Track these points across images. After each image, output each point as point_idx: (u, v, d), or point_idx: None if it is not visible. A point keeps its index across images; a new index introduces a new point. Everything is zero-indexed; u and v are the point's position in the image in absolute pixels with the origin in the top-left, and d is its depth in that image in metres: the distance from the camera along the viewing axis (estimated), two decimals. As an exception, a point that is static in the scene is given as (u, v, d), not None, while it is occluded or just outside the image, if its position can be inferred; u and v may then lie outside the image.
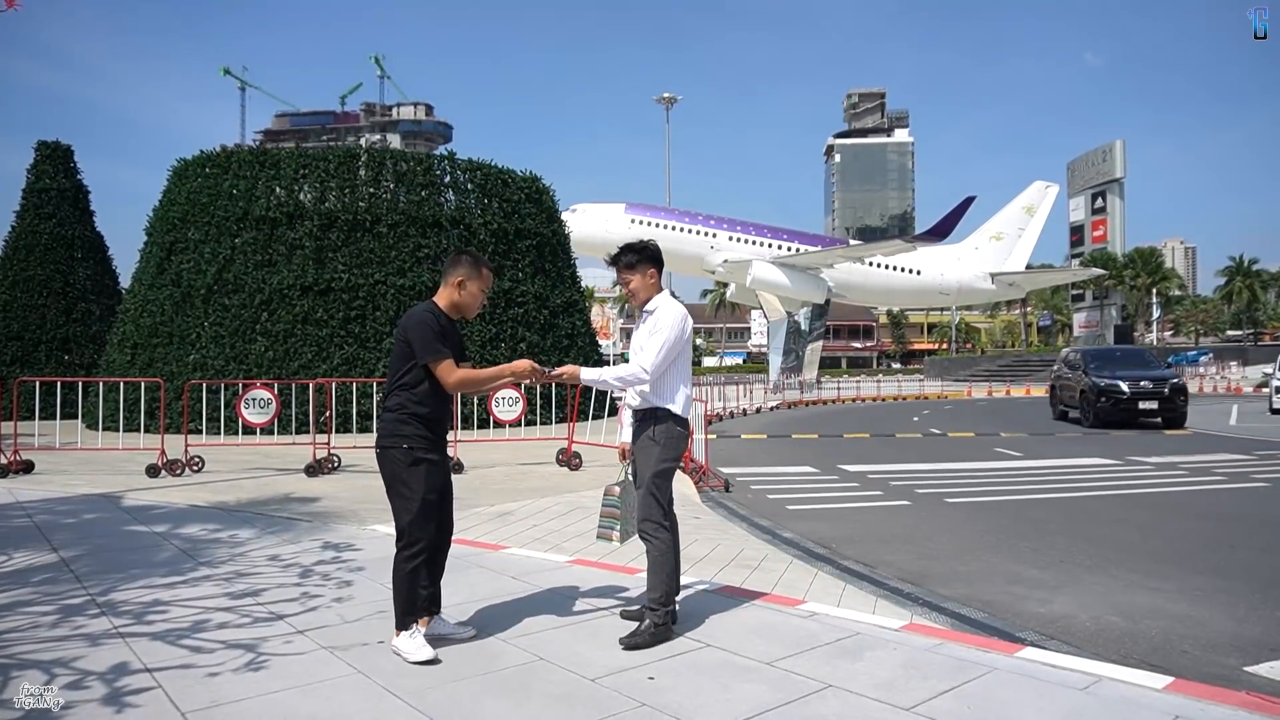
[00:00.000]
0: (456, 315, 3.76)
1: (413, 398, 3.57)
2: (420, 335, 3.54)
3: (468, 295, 3.73)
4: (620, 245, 4.13)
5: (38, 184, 21.75)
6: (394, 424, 3.58)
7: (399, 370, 3.60)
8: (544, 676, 3.42)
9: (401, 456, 3.55)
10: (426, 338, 3.53)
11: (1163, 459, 12.30)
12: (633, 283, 4.01)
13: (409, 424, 3.56)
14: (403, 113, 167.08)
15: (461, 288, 3.71)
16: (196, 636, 3.88)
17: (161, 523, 6.83)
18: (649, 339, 3.92)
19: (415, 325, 3.56)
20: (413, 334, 3.55)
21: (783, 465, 12.11)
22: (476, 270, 3.73)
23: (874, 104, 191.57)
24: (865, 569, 5.69)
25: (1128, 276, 66.61)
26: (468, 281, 3.71)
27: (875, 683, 3.33)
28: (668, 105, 41.74)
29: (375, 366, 16.11)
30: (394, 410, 3.59)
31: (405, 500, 3.56)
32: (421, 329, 3.55)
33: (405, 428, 3.56)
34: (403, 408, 3.57)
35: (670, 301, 4.02)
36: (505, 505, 7.80)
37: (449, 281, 3.71)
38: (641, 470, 3.94)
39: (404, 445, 3.54)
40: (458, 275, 3.70)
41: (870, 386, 40.30)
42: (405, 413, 3.56)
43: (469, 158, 19.16)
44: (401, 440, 3.55)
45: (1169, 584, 5.39)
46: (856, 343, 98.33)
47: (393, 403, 3.60)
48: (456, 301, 3.73)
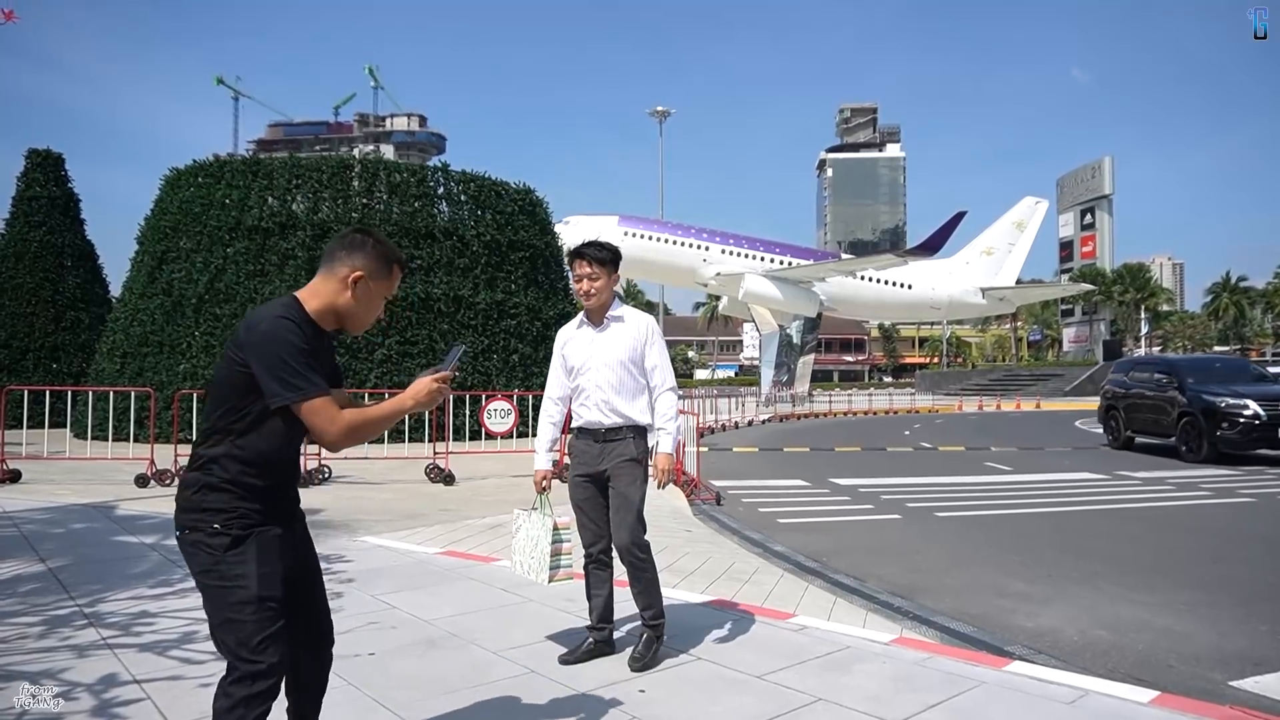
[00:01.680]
0: (333, 326, 2.32)
1: (239, 455, 2.14)
2: (274, 359, 2.08)
3: (364, 300, 2.30)
4: (586, 241, 3.89)
5: (28, 192, 21.67)
6: (200, 493, 2.14)
7: (224, 408, 2.15)
8: (535, 689, 3.43)
9: (212, 542, 2.12)
10: (287, 362, 2.08)
11: (1150, 474, 12.37)
12: (600, 281, 3.74)
13: (223, 491, 2.13)
14: (396, 123, 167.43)
15: (357, 286, 2.27)
16: (185, 648, 3.86)
17: (150, 533, 6.80)
18: (656, 355, 3.78)
19: (264, 342, 2.09)
20: (259, 355, 2.09)
21: (774, 478, 12.13)
22: (386, 266, 2.33)
23: (866, 119, 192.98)
24: (856, 582, 5.72)
25: (1116, 292, 67.04)
26: (369, 280, 2.29)
27: (865, 696, 3.35)
28: (661, 119, 41.93)
29: (367, 377, 16.09)
30: (203, 469, 2.15)
31: (227, 606, 2.11)
32: (275, 347, 2.08)
33: (214, 497, 2.13)
34: (216, 468, 2.14)
35: (639, 311, 3.89)
36: (497, 517, 7.80)
37: (335, 274, 2.27)
38: (629, 492, 3.70)
39: (213, 525, 2.12)
40: (354, 267, 2.27)
41: (862, 400, 40.41)
42: (221, 476, 2.13)
43: (463, 169, 19.23)
44: (210, 518, 2.12)
45: (1155, 597, 5.43)
46: (848, 356, 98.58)
47: (203, 456, 2.16)
48: (342, 306, 2.28)
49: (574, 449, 3.89)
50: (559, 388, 3.94)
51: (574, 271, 3.80)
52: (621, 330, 3.80)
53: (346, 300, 2.28)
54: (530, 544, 3.82)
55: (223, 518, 2.13)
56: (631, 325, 3.80)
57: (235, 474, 2.14)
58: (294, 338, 2.11)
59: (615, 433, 3.75)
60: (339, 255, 2.30)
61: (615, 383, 3.75)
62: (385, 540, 6.63)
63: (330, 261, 2.30)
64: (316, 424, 2.12)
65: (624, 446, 3.75)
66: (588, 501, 3.83)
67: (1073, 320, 69.85)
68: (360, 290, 2.28)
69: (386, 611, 4.55)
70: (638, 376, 3.80)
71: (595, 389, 3.77)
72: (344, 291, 2.27)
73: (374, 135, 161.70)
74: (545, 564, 3.72)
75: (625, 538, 3.70)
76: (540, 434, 3.97)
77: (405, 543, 6.55)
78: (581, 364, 3.81)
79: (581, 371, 3.82)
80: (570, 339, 3.93)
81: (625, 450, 3.74)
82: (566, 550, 3.77)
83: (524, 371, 18.32)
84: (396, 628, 4.25)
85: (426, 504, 8.69)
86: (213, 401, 2.19)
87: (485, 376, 17.54)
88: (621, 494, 3.72)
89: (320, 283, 2.29)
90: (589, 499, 3.82)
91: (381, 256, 2.32)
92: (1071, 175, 70.20)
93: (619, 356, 3.76)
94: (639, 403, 3.78)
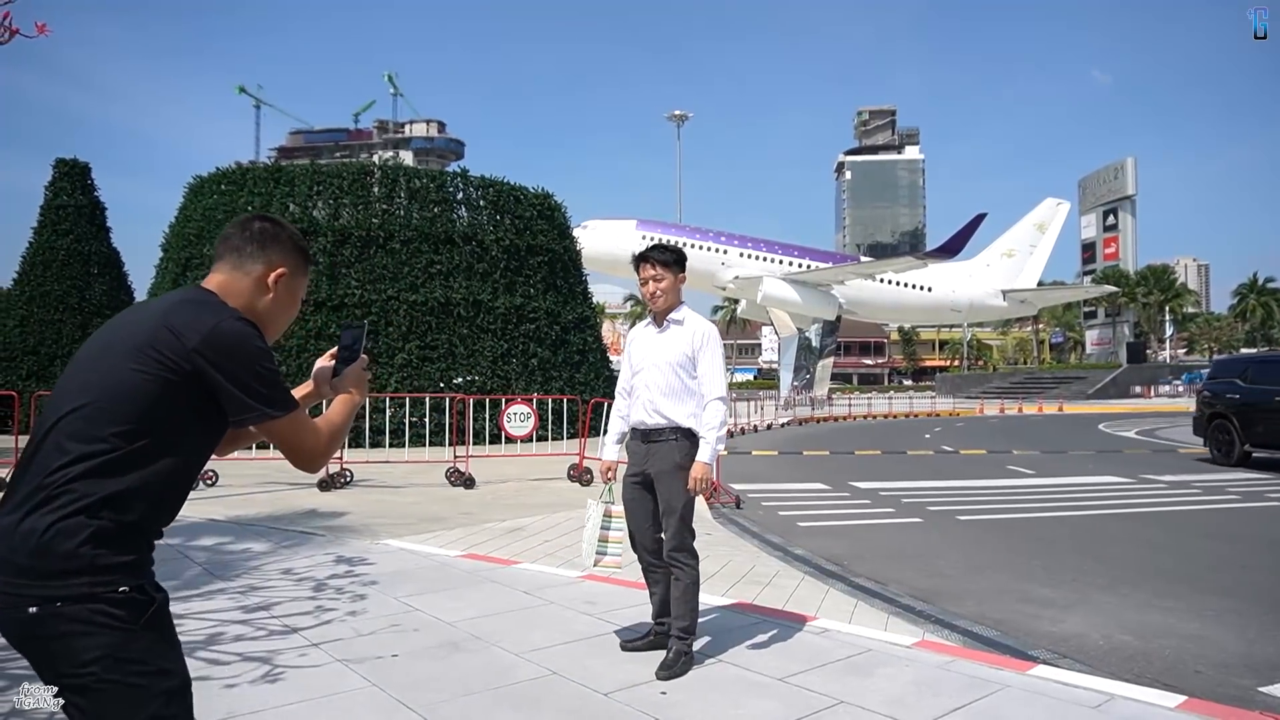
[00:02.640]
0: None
1: (144, 488, 1.59)
2: (251, 368, 1.66)
3: (287, 301, 1.89)
4: (651, 245, 4.02)
5: (56, 200, 22.03)
6: (89, 544, 1.52)
7: (123, 427, 1.58)
8: (556, 690, 3.44)
9: (120, 613, 1.54)
10: (268, 371, 1.68)
11: (1176, 478, 12.22)
12: (665, 282, 3.83)
13: (126, 540, 1.57)
14: (415, 130, 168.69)
15: (278, 285, 1.85)
16: (212, 649, 3.91)
17: (176, 535, 6.89)
18: (708, 363, 3.80)
19: (237, 349, 1.65)
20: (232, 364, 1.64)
21: (794, 482, 12.09)
22: (303, 260, 1.93)
23: (884, 121, 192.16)
24: (877, 586, 5.69)
25: (1140, 294, 66.37)
26: (291, 278, 1.88)
27: (887, 699, 3.34)
28: (679, 122, 41.99)
29: (387, 382, 16.21)
30: (88, 510, 1.53)
31: (152, 702, 1.58)
32: (252, 354, 1.66)
33: (114, 548, 1.54)
34: (110, 510, 1.55)
35: (701, 317, 3.92)
36: (517, 520, 7.83)
37: (248, 271, 1.82)
38: (671, 498, 3.75)
39: (119, 589, 1.54)
40: (271, 262, 1.84)
41: (881, 403, 40.19)
42: (120, 519, 1.56)
43: (481, 174, 19.35)
44: (114, 580, 1.54)
45: (1181, 604, 5.37)
46: (867, 359, 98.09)
47: (84, 493, 1.54)
48: (262, 310, 1.84)
49: (628, 448, 4.00)
50: (627, 385, 4.06)
51: (640, 274, 3.91)
52: (678, 333, 3.87)
53: (267, 303, 1.85)
54: (590, 528, 4.03)
55: (131, 578, 1.55)
56: (688, 329, 3.87)
57: (141, 514, 1.58)
58: (263, 343, 1.71)
59: (659, 434, 3.81)
60: (248, 250, 1.84)
61: (663, 384, 3.81)
62: (407, 543, 6.68)
63: (237, 256, 1.83)
64: (300, 439, 1.74)
65: (667, 449, 3.80)
66: (634, 502, 3.91)
67: (1095, 323, 69.23)
68: (283, 290, 1.87)
69: (409, 613, 4.58)
70: (687, 380, 3.83)
71: (645, 388, 3.86)
72: (264, 293, 1.84)
73: (393, 142, 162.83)
74: (593, 548, 3.95)
75: (669, 542, 3.79)
76: (610, 427, 4.15)
77: (427, 546, 6.59)
78: (640, 364, 3.93)
79: (638, 371, 3.93)
80: (635, 338, 4.06)
81: (669, 454, 3.78)
82: (615, 539, 3.94)
83: (543, 376, 18.39)
84: (419, 629, 4.28)
85: (447, 507, 8.74)
86: (98, 416, 1.57)
87: (504, 380, 17.61)
88: (665, 499, 3.79)
89: (230, 280, 1.81)
90: (636, 499, 3.91)
91: (299, 249, 1.92)
92: (1094, 176, 69.63)
93: (669, 359, 3.82)
94: (685, 406, 3.81)
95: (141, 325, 1.66)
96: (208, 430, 1.71)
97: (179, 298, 1.72)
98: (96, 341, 1.71)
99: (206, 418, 1.69)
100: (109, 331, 1.72)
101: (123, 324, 1.71)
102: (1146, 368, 57.82)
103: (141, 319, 1.68)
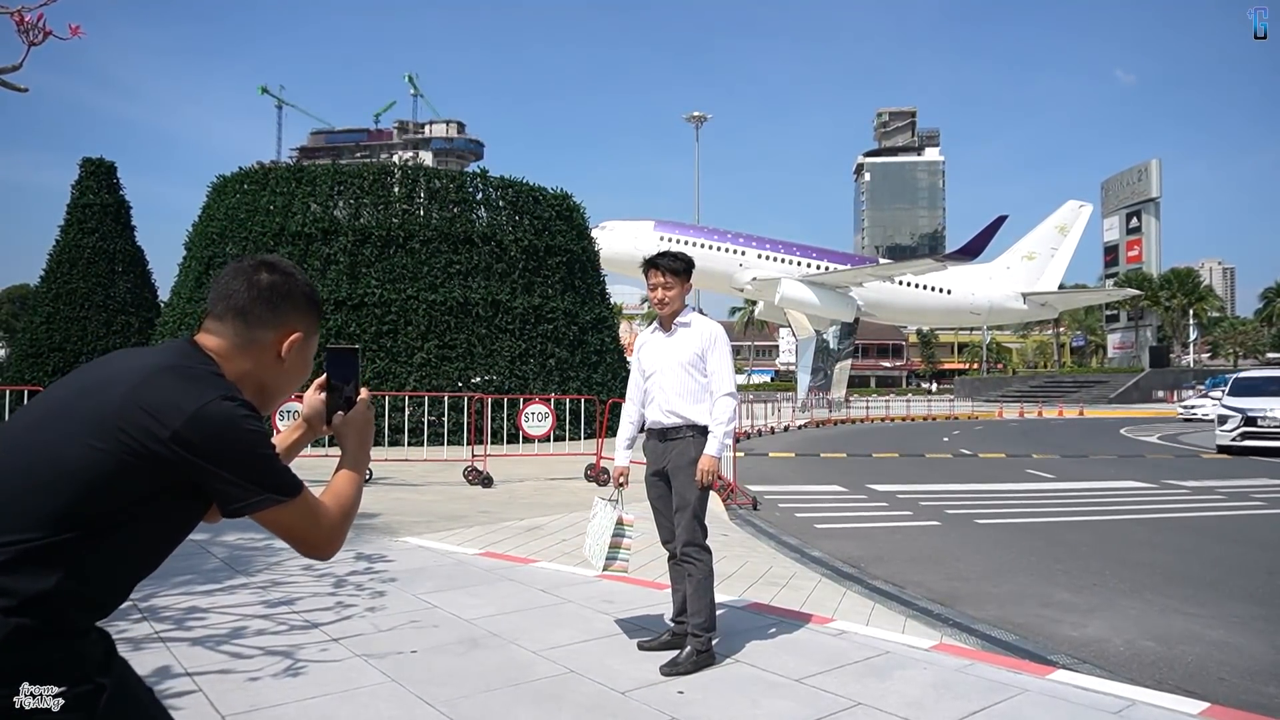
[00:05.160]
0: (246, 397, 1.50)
1: (83, 586, 1.28)
2: (250, 457, 1.38)
3: (299, 366, 1.61)
4: (660, 251, 4.08)
5: (81, 199, 22.37)
6: (17, 650, 1.19)
7: (62, 516, 1.26)
8: (574, 688, 3.46)
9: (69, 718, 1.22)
10: (270, 459, 1.41)
11: (1199, 483, 12.08)
12: (674, 290, 3.93)
13: (59, 640, 1.25)
14: (435, 130, 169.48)
15: (290, 352, 1.57)
16: (235, 643, 3.96)
17: (199, 531, 6.95)
18: (717, 361, 3.90)
19: (232, 437, 1.35)
20: (229, 453, 1.36)
21: (811, 484, 12.06)
22: (317, 314, 1.65)
23: (904, 122, 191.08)
24: (894, 588, 5.67)
25: (1164, 297, 65.57)
26: (305, 341, 1.60)
27: (905, 701, 3.33)
28: (697, 124, 41.89)
29: (406, 380, 16.32)
30: (20, 609, 1.20)
31: None
32: (251, 442, 1.38)
33: (48, 649, 1.23)
34: (44, 609, 1.22)
35: (707, 318, 4.04)
36: (535, 519, 7.86)
37: (257, 338, 1.54)
38: (684, 492, 3.84)
39: (55, 697, 1.21)
40: (286, 326, 1.57)
41: (899, 406, 39.99)
42: (54, 621, 1.24)
43: (500, 175, 19.44)
44: (50, 684, 1.22)
45: (1205, 610, 5.31)
46: (885, 362, 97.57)
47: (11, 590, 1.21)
48: (271, 380, 1.58)
49: (645, 448, 4.10)
50: (636, 390, 4.15)
51: (649, 280, 4.01)
52: (686, 335, 3.97)
53: (278, 373, 1.56)
54: (599, 531, 4.09)
55: (70, 680, 1.24)
56: (696, 330, 3.97)
57: (76, 616, 1.28)
58: (257, 423, 1.40)
59: (675, 432, 3.92)
60: (255, 313, 1.53)
61: (676, 385, 3.92)
62: (426, 541, 6.72)
63: (242, 319, 1.53)
64: (310, 526, 1.45)
65: (684, 446, 3.90)
66: (660, 500, 4.01)
67: (1118, 326, 68.49)
68: (296, 356, 1.58)
69: (428, 611, 4.61)
70: (698, 379, 3.93)
71: (659, 390, 3.97)
72: (275, 364, 1.55)
73: (413, 142, 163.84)
74: (604, 553, 4.03)
75: (680, 536, 3.87)
76: (620, 433, 4.23)
77: (446, 543, 6.63)
78: (651, 368, 4.03)
79: (650, 375, 4.03)
80: (645, 344, 4.15)
81: (685, 451, 3.88)
82: (625, 545, 4.07)
83: (560, 376, 18.44)
84: (438, 626, 4.31)
85: (466, 506, 8.79)
86: (38, 502, 1.26)
87: (522, 381, 17.68)
88: (679, 494, 3.88)
89: (232, 347, 1.52)
90: (661, 497, 4.01)
91: (312, 304, 1.62)
92: (1117, 178, 68.90)
93: (681, 360, 3.93)
94: (700, 405, 3.92)
95: (109, 396, 1.33)
96: (170, 515, 1.40)
97: (158, 362, 1.40)
98: (44, 402, 1.39)
99: (172, 504, 1.38)
100: (63, 389, 1.40)
101: (86, 388, 1.38)
102: (1169, 372, 57.14)
103: (109, 389, 1.35)
